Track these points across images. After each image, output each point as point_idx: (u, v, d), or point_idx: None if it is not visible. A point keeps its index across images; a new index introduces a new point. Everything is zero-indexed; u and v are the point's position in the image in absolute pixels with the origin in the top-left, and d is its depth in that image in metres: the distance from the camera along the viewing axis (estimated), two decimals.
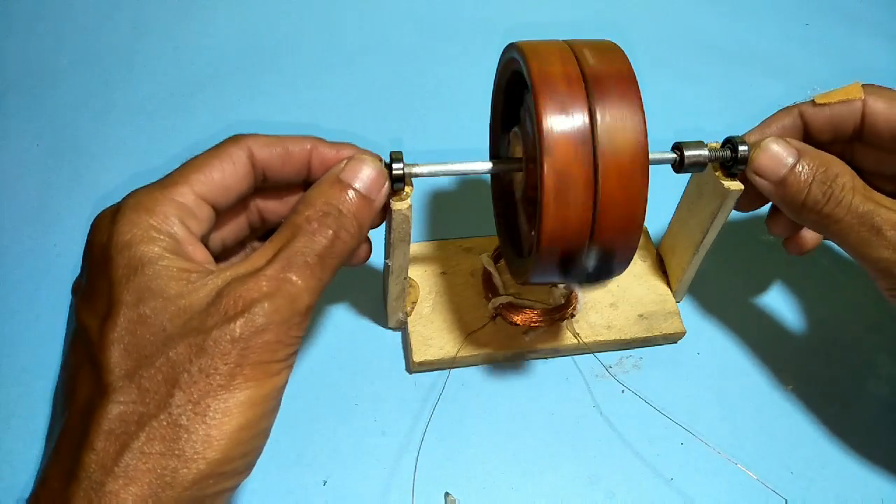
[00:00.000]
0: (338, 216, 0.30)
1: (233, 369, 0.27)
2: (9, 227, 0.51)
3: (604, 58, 0.33)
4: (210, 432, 0.26)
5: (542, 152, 0.31)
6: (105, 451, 0.26)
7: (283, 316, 0.28)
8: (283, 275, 0.28)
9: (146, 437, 0.26)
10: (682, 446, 0.43)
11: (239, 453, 0.27)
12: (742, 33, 0.68)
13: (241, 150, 0.32)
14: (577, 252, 0.33)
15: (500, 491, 0.41)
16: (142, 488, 0.25)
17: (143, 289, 0.27)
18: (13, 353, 0.45)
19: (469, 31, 0.66)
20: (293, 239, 0.29)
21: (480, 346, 0.44)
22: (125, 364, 0.27)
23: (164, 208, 0.29)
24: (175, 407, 0.26)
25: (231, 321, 0.27)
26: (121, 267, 0.28)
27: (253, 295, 0.27)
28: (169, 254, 0.28)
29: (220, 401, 0.27)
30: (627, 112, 0.31)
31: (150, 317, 0.27)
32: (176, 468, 0.26)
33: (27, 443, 0.41)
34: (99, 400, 0.26)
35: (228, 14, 0.65)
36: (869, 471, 0.43)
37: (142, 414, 0.26)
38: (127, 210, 0.29)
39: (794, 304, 0.50)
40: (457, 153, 0.56)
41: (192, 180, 0.31)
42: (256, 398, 0.27)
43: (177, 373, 0.26)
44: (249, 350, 0.27)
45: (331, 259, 0.30)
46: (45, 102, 0.58)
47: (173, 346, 0.27)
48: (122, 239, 0.28)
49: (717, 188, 0.39)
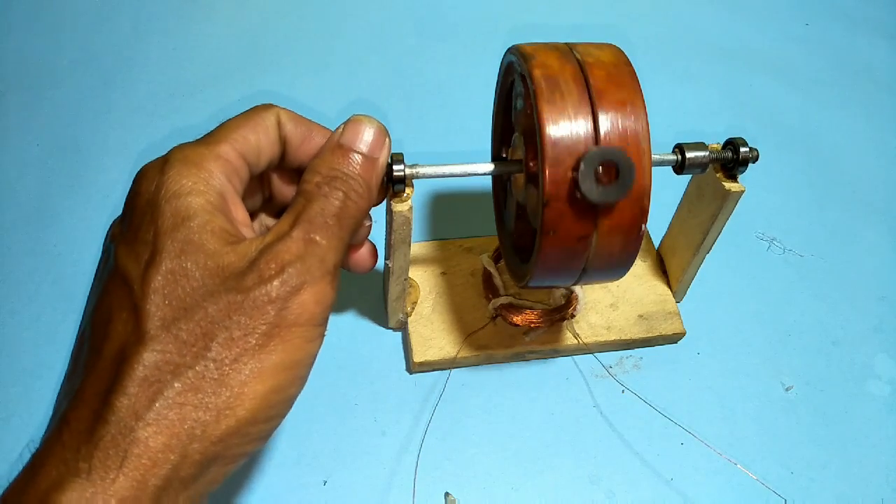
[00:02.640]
0: (345, 179, 0.31)
1: (270, 329, 0.27)
2: (9, 227, 0.51)
3: (605, 61, 0.33)
4: (243, 390, 0.27)
5: (543, 157, 0.31)
6: (138, 397, 0.26)
7: (314, 275, 0.28)
8: (308, 236, 0.29)
9: (180, 388, 0.26)
10: (682, 446, 0.43)
11: (265, 416, 0.28)
12: (742, 33, 0.68)
13: (272, 116, 0.33)
14: (576, 257, 0.33)
15: (500, 491, 0.41)
16: (170, 438, 0.25)
17: (186, 241, 0.28)
18: (13, 353, 0.45)
19: (469, 31, 0.66)
20: (308, 205, 0.30)
21: (481, 346, 0.44)
22: (164, 313, 0.27)
23: (212, 164, 0.30)
24: (211, 361, 0.26)
25: (268, 282, 0.27)
26: (168, 216, 0.28)
27: (285, 257, 0.28)
28: (214, 209, 0.29)
29: (256, 360, 0.27)
30: (630, 115, 0.31)
31: (191, 270, 0.27)
32: (206, 421, 0.26)
33: (27, 443, 0.41)
34: (135, 346, 0.26)
35: (228, 14, 0.65)
36: (869, 471, 0.43)
37: (178, 364, 0.26)
38: (176, 162, 0.29)
39: (793, 304, 0.50)
40: (457, 154, 0.56)
41: (232, 138, 0.31)
42: (290, 362, 0.28)
43: (215, 329, 0.27)
44: (287, 311, 0.27)
45: (346, 219, 0.30)
46: (45, 102, 0.58)
47: (213, 302, 0.27)
48: (171, 188, 0.28)
49: (718, 189, 0.39)
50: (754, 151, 0.38)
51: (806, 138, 0.60)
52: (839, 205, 0.56)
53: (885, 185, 0.58)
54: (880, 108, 0.63)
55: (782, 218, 0.55)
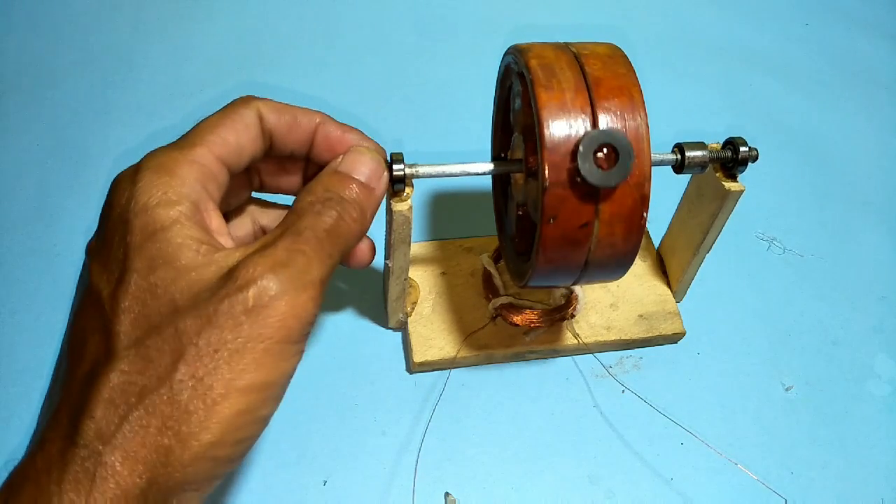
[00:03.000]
0: (339, 200, 0.30)
1: (242, 344, 0.26)
2: (9, 227, 0.51)
3: (605, 59, 0.33)
4: (209, 413, 0.25)
5: (542, 156, 0.31)
6: (104, 420, 0.25)
7: (295, 285, 0.27)
8: (294, 246, 0.28)
9: (144, 411, 0.25)
10: (682, 446, 0.43)
11: (234, 439, 0.26)
12: (742, 33, 0.68)
13: (251, 111, 0.32)
14: (576, 256, 0.33)
15: (500, 491, 0.41)
16: (136, 464, 0.25)
17: (155, 256, 0.27)
18: (13, 353, 0.45)
19: (470, 31, 0.66)
20: (298, 220, 0.29)
21: (481, 346, 0.44)
22: (133, 333, 0.26)
23: (185, 170, 0.29)
24: (177, 382, 0.25)
25: (243, 290, 0.26)
26: (137, 231, 0.27)
27: (266, 264, 0.27)
28: (186, 220, 0.28)
29: (224, 381, 0.26)
30: (630, 116, 0.31)
31: (161, 286, 0.26)
32: (170, 447, 0.25)
33: (27, 443, 0.41)
34: (103, 367, 0.26)
35: (228, 14, 0.65)
36: (869, 471, 0.43)
37: (143, 386, 0.25)
38: (147, 171, 0.28)
39: (793, 304, 0.50)
40: (457, 154, 0.56)
41: (209, 141, 0.30)
42: (261, 382, 0.26)
43: (183, 346, 0.26)
44: (262, 323, 0.26)
45: (337, 238, 0.30)
46: (45, 102, 0.58)
47: (182, 317, 0.26)
48: (141, 200, 0.28)
49: (718, 189, 0.39)
50: (754, 151, 0.38)
51: (806, 138, 0.60)
52: (839, 205, 0.56)
53: (885, 185, 0.58)
54: (880, 108, 0.63)
55: (782, 218, 0.55)
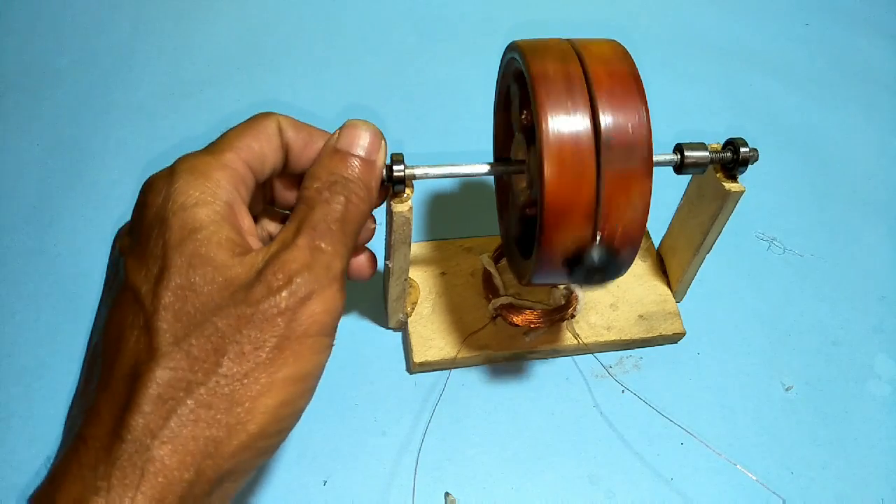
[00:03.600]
0: (344, 183, 0.31)
1: (280, 341, 0.27)
2: (9, 227, 0.51)
3: (606, 57, 0.33)
4: (254, 405, 0.27)
5: (543, 154, 0.31)
6: (152, 415, 0.26)
7: (322, 283, 0.28)
8: (314, 244, 0.29)
9: (193, 405, 0.26)
10: (682, 446, 0.43)
11: (275, 430, 0.28)
12: (742, 33, 0.68)
13: (273, 123, 0.33)
14: (578, 253, 0.33)
15: (500, 491, 0.41)
16: (185, 456, 0.26)
17: (194, 254, 0.27)
18: (13, 353, 0.45)
19: (469, 30, 0.66)
20: (311, 211, 0.30)
21: (481, 346, 0.44)
22: (175, 330, 0.27)
23: (218, 174, 0.30)
24: (222, 377, 0.26)
25: (276, 293, 0.27)
26: (176, 229, 0.28)
27: (292, 267, 0.28)
28: (222, 220, 0.29)
29: (266, 374, 0.27)
30: (631, 112, 0.31)
31: (200, 285, 0.27)
32: (219, 438, 0.26)
33: (27, 443, 0.41)
34: (147, 364, 0.26)
35: (228, 14, 0.65)
36: (869, 471, 0.43)
37: (190, 381, 0.26)
38: (183, 172, 0.29)
39: (793, 304, 0.50)
40: (458, 154, 0.56)
41: (237, 147, 0.31)
42: (300, 374, 0.28)
43: (225, 343, 0.27)
44: (296, 322, 0.27)
45: (349, 224, 0.30)
46: (45, 102, 0.58)
47: (222, 316, 0.27)
48: (179, 200, 0.28)
49: (718, 190, 0.39)
50: (754, 151, 0.38)
51: (806, 138, 0.60)
52: (839, 205, 0.56)
53: (885, 185, 0.58)
54: (880, 108, 0.63)
55: (782, 218, 0.55)
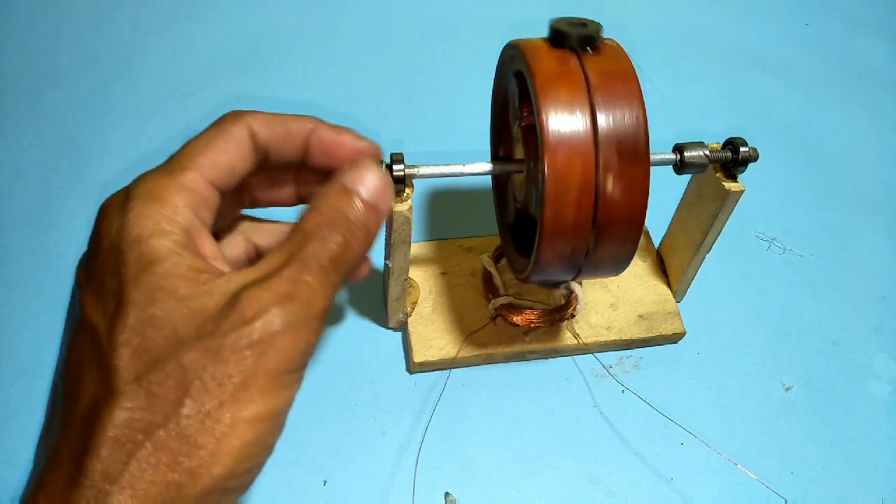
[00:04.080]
0: (347, 223, 0.30)
1: (247, 378, 0.25)
2: (9, 227, 0.51)
3: (605, 57, 0.33)
4: (218, 447, 0.25)
5: (543, 153, 0.31)
6: (110, 460, 0.24)
7: (300, 318, 0.27)
8: (299, 277, 0.27)
9: (152, 448, 0.25)
10: (682, 446, 0.43)
11: (243, 469, 0.26)
12: (742, 33, 0.68)
13: (242, 128, 0.31)
14: (577, 251, 0.33)
15: (500, 491, 0.41)
16: (145, 502, 0.24)
17: (153, 288, 0.26)
18: (13, 353, 0.45)
19: (469, 30, 0.66)
20: (305, 245, 0.28)
21: (481, 346, 0.44)
22: (134, 367, 0.25)
23: (176, 197, 0.28)
24: (184, 417, 0.25)
25: (248, 324, 0.26)
26: (131, 263, 0.26)
27: (270, 298, 0.26)
28: (181, 249, 0.27)
29: (231, 413, 0.25)
30: (629, 111, 0.31)
31: (161, 318, 0.26)
32: (181, 483, 0.25)
33: (27, 443, 0.41)
34: (105, 404, 0.25)
35: (228, 14, 0.65)
36: (869, 471, 0.43)
37: (149, 422, 0.25)
38: (138, 200, 0.28)
39: (793, 304, 0.50)
40: (457, 154, 0.56)
41: (199, 164, 0.29)
42: (267, 413, 0.26)
43: (188, 380, 0.25)
44: (266, 356, 0.26)
45: (342, 264, 0.29)
46: (45, 102, 0.58)
47: (186, 351, 0.25)
48: (133, 232, 0.27)
49: (718, 189, 0.39)
50: (754, 151, 0.38)
51: (806, 138, 0.60)
52: (839, 205, 0.56)
53: (885, 185, 0.58)
54: (880, 108, 0.63)
55: (782, 218, 0.55)
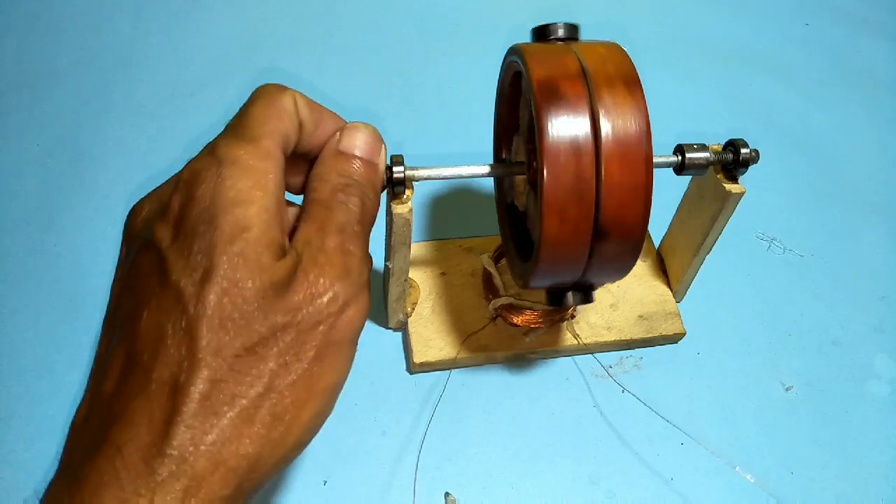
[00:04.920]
0: (356, 185, 0.30)
1: (320, 351, 0.27)
2: (9, 227, 0.51)
3: (606, 59, 0.33)
4: (294, 419, 0.26)
5: (543, 156, 0.31)
6: (197, 430, 0.24)
7: (356, 289, 0.28)
8: (345, 247, 0.28)
9: (236, 419, 0.25)
10: (682, 446, 0.43)
11: (307, 440, 0.27)
12: (742, 33, 0.68)
13: (291, 101, 0.31)
14: (577, 258, 0.33)
15: (500, 491, 0.41)
16: (227, 473, 0.25)
17: (241, 255, 0.26)
18: (13, 353, 0.45)
19: (470, 31, 0.66)
20: (331, 213, 0.29)
21: (481, 346, 0.44)
22: (219, 338, 0.25)
23: (264, 165, 0.28)
24: (265, 389, 0.26)
25: (318, 298, 0.27)
26: (226, 227, 0.26)
27: (333, 272, 0.27)
28: (269, 217, 0.27)
29: (307, 386, 0.26)
30: (631, 115, 0.31)
31: (247, 288, 0.26)
32: (260, 455, 0.25)
33: (27, 443, 0.41)
34: (189, 373, 0.25)
35: (228, 14, 0.65)
36: (869, 471, 0.43)
37: (233, 394, 0.25)
38: (231, 165, 0.27)
39: (793, 304, 0.50)
40: (458, 155, 0.56)
41: (268, 132, 0.29)
42: (333, 384, 0.27)
43: (269, 354, 0.26)
44: (335, 329, 0.27)
45: (366, 225, 0.30)
46: (45, 102, 0.58)
47: (265, 324, 0.26)
48: (229, 195, 0.27)
49: (719, 191, 0.39)
50: (755, 152, 0.38)
51: (806, 138, 0.60)
52: (839, 205, 0.56)
53: (885, 185, 0.58)
54: (880, 108, 0.63)
55: (782, 218, 0.55)
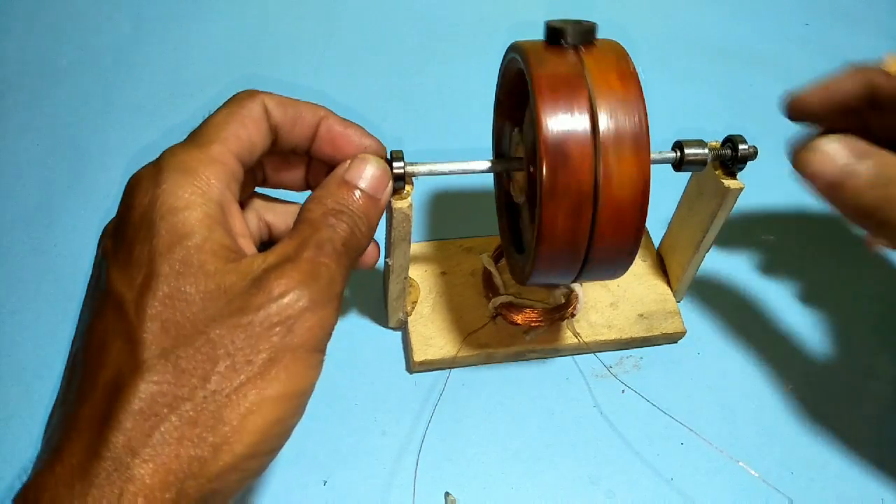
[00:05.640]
0: (350, 214, 0.31)
1: (275, 355, 0.26)
2: (9, 227, 0.51)
3: (606, 58, 0.33)
4: (243, 424, 0.25)
5: (541, 153, 0.31)
6: (133, 432, 0.24)
7: (323, 297, 0.28)
8: (319, 259, 0.28)
9: (177, 422, 0.25)
10: (682, 446, 0.43)
11: (264, 450, 0.27)
12: (742, 33, 0.68)
13: (258, 105, 0.31)
14: (575, 254, 0.33)
15: (500, 491, 0.41)
16: (167, 475, 0.24)
17: (183, 261, 0.26)
18: (13, 353, 0.45)
19: (470, 29, 0.66)
20: (315, 232, 0.29)
21: (481, 345, 0.44)
22: (162, 341, 0.25)
23: (208, 170, 0.28)
24: (210, 392, 0.25)
25: (276, 300, 0.26)
26: (163, 234, 0.26)
27: (296, 277, 0.27)
28: (213, 223, 0.27)
29: (257, 390, 0.26)
30: (630, 112, 0.31)
31: (191, 293, 0.26)
32: (203, 458, 0.25)
33: (27, 443, 0.41)
34: (131, 377, 0.25)
35: (228, 14, 0.65)
36: (869, 471, 0.43)
37: (175, 396, 0.25)
38: (172, 172, 0.28)
39: (794, 304, 0.50)
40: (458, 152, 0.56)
41: (223, 138, 0.30)
42: (291, 391, 0.27)
43: (217, 355, 0.25)
44: (293, 333, 0.26)
45: (351, 251, 0.30)
46: (45, 102, 0.58)
47: (215, 326, 0.26)
48: (166, 203, 0.27)
49: (718, 187, 0.39)
50: (753, 148, 0.38)
51: None
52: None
53: None
54: None
55: (782, 217, 0.55)
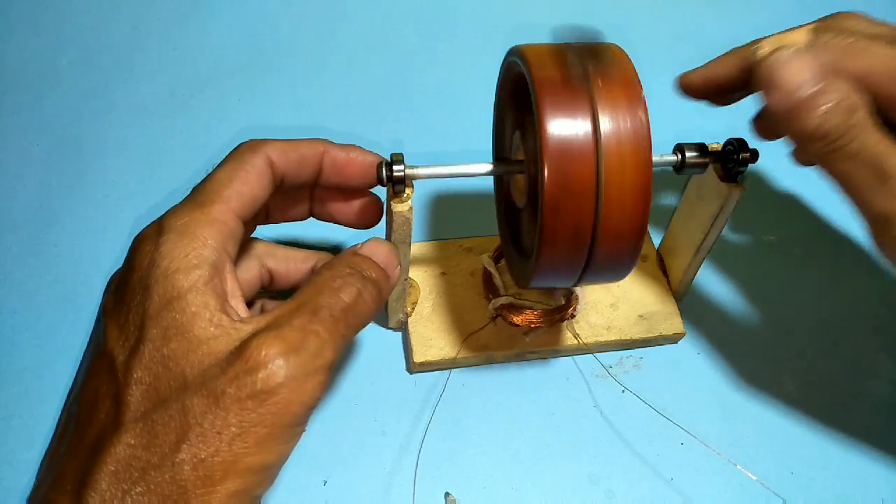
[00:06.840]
0: (360, 278, 0.30)
1: (245, 429, 0.26)
2: (9, 227, 0.51)
3: (607, 60, 0.33)
4: (206, 494, 0.25)
5: (543, 157, 0.31)
6: (108, 493, 0.25)
7: (304, 370, 0.27)
8: (309, 326, 0.27)
9: (145, 488, 0.25)
10: (682, 446, 0.43)
11: None
12: (742, 34, 0.68)
13: (261, 159, 0.32)
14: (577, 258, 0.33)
15: (500, 491, 0.41)
16: None
17: (170, 325, 0.27)
18: (13, 353, 0.45)
19: (470, 31, 0.66)
20: (317, 295, 0.29)
21: (481, 346, 0.44)
22: (143, 405, 0.26)
23: (207, 231, 0.29)
24: (178, 462, 0.25)
25: (251, 374, 0.26)
26: (155, 298, 0.27)
27: (277, 347, 0.26)
28: (203, 286, 0.28)
29: (224, 463, 0.25)
30: (631, 115, 0.31)
31: (172, 359, 0.26)
32: None
33: (28, 443, 0.41)
34: (110, 437, 0.26)
35: (228, 15, 0.65)
36: (869, 471, 0.43)
37: (146, 462, 0.25)
38: (171, 233, 0.28)
39: (794, 305, 0.50)
40: (458, 154, 0.56)
41: (225, 197, 0.30)
42: (260, 465, 0.26)
43: (188, 424, 0.25)
44: (266, 408, 0.26)
45: (353, 318, 0.29)
46: (45, 102, 0.58)
47: (190, 394, 0.26)
48: (163, 265, 0.27)
49: (718, 189, 0.39)
50: (754, 152, 0.38)
51: None
52: (839, 204, 0.56)
53: None
54: None
55: (782, 218, 0.55)
